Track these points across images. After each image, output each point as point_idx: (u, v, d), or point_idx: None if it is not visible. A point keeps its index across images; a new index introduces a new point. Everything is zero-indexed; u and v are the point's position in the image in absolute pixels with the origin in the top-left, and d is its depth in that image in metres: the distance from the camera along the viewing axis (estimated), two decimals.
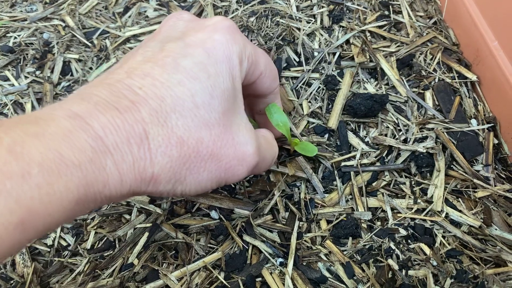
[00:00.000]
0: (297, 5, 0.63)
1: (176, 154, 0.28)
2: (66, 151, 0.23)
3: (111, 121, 0.26)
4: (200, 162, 0.30)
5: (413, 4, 0.63)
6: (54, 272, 0.44)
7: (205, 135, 0.30)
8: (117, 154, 0.26)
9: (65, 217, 0.24)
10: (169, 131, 0.28)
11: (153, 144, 0.27)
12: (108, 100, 0.27)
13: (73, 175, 0.23)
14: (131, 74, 0.29)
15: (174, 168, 0.28)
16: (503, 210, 0.46)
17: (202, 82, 0.30)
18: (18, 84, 0.58)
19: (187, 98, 0.29)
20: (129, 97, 0.27)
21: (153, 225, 0.45)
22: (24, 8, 0.67)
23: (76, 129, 0.24)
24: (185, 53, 0.30)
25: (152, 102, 0.28)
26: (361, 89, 0.54)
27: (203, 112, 0.29)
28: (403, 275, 0.41)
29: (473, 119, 0.52)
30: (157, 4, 0.66)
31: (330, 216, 0.46)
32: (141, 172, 0.27)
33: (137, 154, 0.26)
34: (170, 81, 0.29)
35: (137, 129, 0.26)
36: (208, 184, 0.32)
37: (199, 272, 0.43)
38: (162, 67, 0.29)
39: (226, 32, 0.32)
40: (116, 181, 0.26)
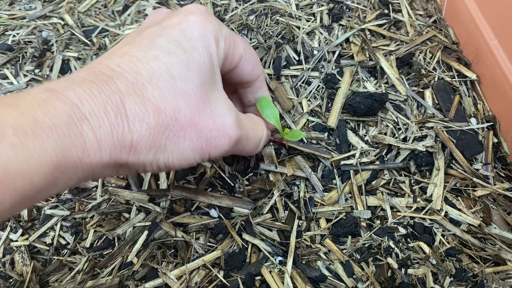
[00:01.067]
0: (296, 3, 0.63)
1: (154, 122, 0.29)
2: (41, 116, 0.24)
3: (87, 92, 0.26)
4: (179, 131, 0.30)
5: (412, 3, 0.63)
6: (53, 270, 0.44)
7: (182, 104, 0.30)
8: (94, 120, 0.26)
9: (46, 182, 0.24)
10: (146, 101, 0.28)
11: (130, 112, 0.28)
12: (85, 77, 0.28)
13: (49, 137, 0.23)
14: (110, 55, 0.30)
15: (153, 136, 0.29)
16: (503, 209, 0.46)
17: (178, 56, 0.31)
18: (17, 83, 0.58)
19: (163, 71, 0.30)
20: (106, 73, 0.28)
21: (153, 224, 0.45)
22: (23, 6, 0.67)
23: (51, 99, 0.25)
24: (161, 33, 0.32)
25: (129, 76, 0.29)
26: (361, 88, 0.54)
27: (180, 83, 0.30)
28: (403, 274, 0.41)
29: (473, 118, 0.52)
30: (156, 2, 0.66)
31: (330, 214, 0.46)
32: (120, 139, 0.27)
33: (114, 121, 0.27)
34: (146, 57, 0.30)
35: (114, 99, 0.27)
36: (191, 155, 0.32)
37: (199, 270, 0.43)
38: (139, 46, 0.31)
39: (200, 14, 0.33)
40: (94, 146, 0.26)
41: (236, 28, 0.61)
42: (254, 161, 0.48)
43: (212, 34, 0.33)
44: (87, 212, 0.47)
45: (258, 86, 0.43)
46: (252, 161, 0.48)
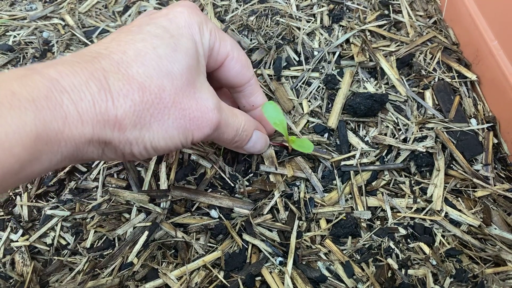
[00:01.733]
0: (297, 4, 0.63)
1: (139, 99, 0.29)
2: (18, 89, 0.23)
3: (69, 68, 0.26)
4: (164, 109, 0.31)
5: (413, 4, 0.63)
6: (53, 271, 0.44)
7: (167, 83, 0.30)
8: (74, 93, 0.26)
9: (28, 155, 0.24)
10: (130, 78, 0.29)
11: (114, 88, 0.28)
12: (68, 58, 0.28)
13: (27, 109, 0.23)
14: (98, 43, 0.31)
15: (138, 112, 0.29)
16: (503, 209, 0.46)
17: (165, 39, 0.31)
18: None
19: (150, 51, 0.30)
20: (92, 55, 0.29)
21: (153, 224, 0.45)
22: (23, 7, 0.67)
23: (30, 74, 0.25)
24: (149, 22, 0.33)
25: (114, 56, 0.29)
26: (361, 89, 0.54)
27: (166, 62, 0.31)
28: (403, 274, 0.41)
29: (473, 119, 0.52)
30: (156, 3, 0.66)
31: (330, 215, 0.46)
32: (103, 113, 0.27)
33: (97, 95, 0.27)
34: (133, 40, 0.30)
35: (97, 75, 0.27)
36: (175, 134, 0.32)
37: (199, 271, 0.43)
38: (127, 32, 0.32)
39: (186, 6, 0.35)
40: (75, 119, 0.26)
41: (236, 28, 0.61)
42: (255, 163, 0.48)
43: (197, 24, 0.35)
44: (87, 212, 0.47)
45: (250, 91, 0.43)
46: (253, 163, 0.48)
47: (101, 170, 0.49)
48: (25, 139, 0.23)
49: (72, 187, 0.49)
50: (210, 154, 0.49)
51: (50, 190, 0.49)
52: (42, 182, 0.49)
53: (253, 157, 0.49)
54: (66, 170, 0.49)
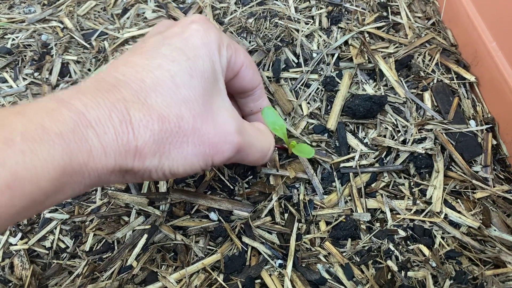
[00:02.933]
0: (295, 6, 0.63)
1: (158, 128, 0.29)
2: (48, 123, 0.24)
3: (92, 99, 0.27)
4: (183, 137, 0.31)
5: (411, 5, 0.64)
6: (52, 274, 0.44)
7: (185, 111, 0.31)
8: (99, 127, 0.27)
9: (53, 187, 0.24)
10: (150, 108, 0.29)
11: (135, 119, 0.28)
12: (90, 85, 0.28)
13: (55, 143, 0.24)
14: (114, 65, 0.31)
15: (157, 142, 0.29)
16: (502, 211, 0.46)
17: (181, 64, 0.31)
18: (16, 86, 0.58)
19: (167, 79, 0.30)
20: (111, 81, 0.29)
21: (152, 227, 0.45)
22: (22, 10, 0.67)
23: (58, 107, 0.26)
24: (164, 42, 0.32)
25: (133, 84, 0.29)
26: (360, 90, 0.54)
27: (183, 90, 0.31)
28: (403, 277, 0.41)
29: (472, 120, 0.52)
30: (155, 5, 0.66)
31: (329, 217, 0.46)
32: (125, 145, 0.28)
33: (119, 128, 0.28)
34: (150, 65, 0.30)
35: (119, 106, 0.28)
36: (195, 160, 0.32)
37: (198, 274, 0.42)
38: (142, 55, 0.31)
39: (202, 23, 0.34)
40: (99, 152, 0.27)
41: (235, 31, 0.61)
42: (260, 168, 0.48)
43: (214, 42, 0.34)
44: (86, 215, 0.47)
45: (259, 94, 0.43)
46: (258, 168, 0.48)
47: None
48: (52, 172, 0.24)
49: None
50: None
51: None
52: None
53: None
54: None
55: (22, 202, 0.23)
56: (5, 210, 0.22)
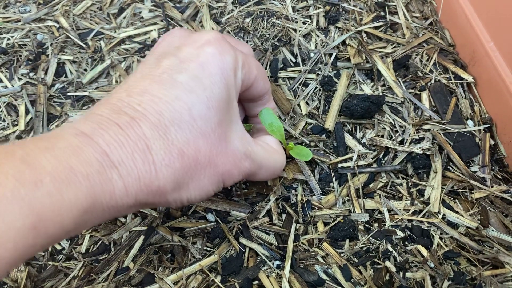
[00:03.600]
0: (293, 6, 0.63)
1: (179, 166, 0.30)
2: (75, 163, 0.25)
3: (114, 138, 0.28)
4: (200, 170, 0.32)
5: (409, 5, 0.63)
6: (48, 276, 0.43)
7: (202, 144, 0.32)
8: (122, 168, 0.28)
9: (74, 225, 0.25)
10: (170, 144, 0.30)
11: (157, 157, 0.29)
12: (110, 118, 0.29)
13: (81, 184, 0.25)
14: (130, 92, 0.31)
15: (178, 178, 0.30)
16: (500, 211, 0.46)
17: (199, 95, 0.31)
18: (12, 86, 0.58)
19: (185, 112, 0.30)
20: (129, 113, 0.29)
21: (149, 228, 0.45)
22: (17, 9, 0.66)
23: (83, 145, 0.27)
24: (181, 68, 0.32)
25: (152, 117, 0.29)
26: (358, 90, 0.54)
27: (200, 123, 0.31)
28: (401, 277, 0.41)
29: (470, 120, 0.52)
30: (152, 5, 0.66)
31: (327, 218, 0.45)
32: (147, 185, 0.29)
33: (142, 168, 0.28)
34: (168, 96, 0.30)
35: (140, 145, 0.28)
36: (210, 188, 0.34)
37: (196, 275, 0.42)
38: (159, 83, 0.31)
39: (217, 44, 0.34)
40: (121, 192, 0.28)
41: (232, 30, 0.61)
42: None
43: (230, 67, 0.34)
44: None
45: (267, 99, 0.43)
46: None
47: None
48: (75, 213, 0.25)
49: None
50: None
51: None
52: None
53: None
54: None
55: (44, 241, 0.24)
56: (28, 250, 0.23)
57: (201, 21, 0.62)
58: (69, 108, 0.56)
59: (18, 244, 0.22)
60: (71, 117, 0.54)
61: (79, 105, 0.56)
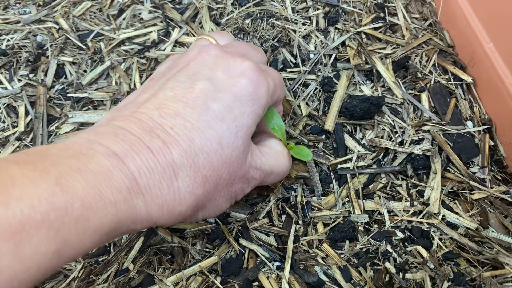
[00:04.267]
0: (292, 7, 0.63)
1: (201, 193, 0.31)
2: (105, 189, 0.26)
3: (145, 162, 0.28)
4: (217, 192, 0.34)
5: (408, 6, 0.64)
6: (48, 278, 0.43)
7: (225, 171, 0.33)
8: (148, 195, 0.28)
9: (95, 246, 0.26)
10: (196, 171, 0.31)
11: (182, 185, 0.30)
12: (142, 140, 0.29)
13: (108, 211, 0.26)
14: (162, 112, 0.31)
15: (198, 204, 0.32)
16: (500, 212, 0.46)
17: (229, 124, 0.33)
18: (11, 87, 0.58)
19: (214, 140, 0.32)
20: (161, 136, 0.30)
21: (149, 229, 0.45)
22: (17, 11, 0.66)
23: (115, 169, 0.27)
24: (215, 96, 0.33)
25: (183, 143, 0.30)
26: (357, 91, 0.54)
27: (227, 151, 0.32)
28: (401, 278, 0.41)
29: (469, 121, 0.52)
30: (151, 6, 0.66)
31: (327, 219, 0.45)
32: (170, 212, 0.30)
33: (167, 196, 0.29)
34: (200, 123, 0.31)
35: (168, 172, 0.29)
36: (224, 206, 0.36)
37: (195, 277, 0.42)
38: (193, 108, 0.32)
39: (252, 76, 0.35)
40: (144, 218, 0.29)
41: (232, 32, 0.61)
42: None
43: (263, 98, 0.35)
44: None
45: (278, 108, 0.44)
46: None
47: None
48: (97, 237, 0.25)
49: None
50: None
51: None
52: None
53: None
54: None
55: (63, 263, 0.24)
56: (48, 272, 0.23)
57: (201, 22, 0.63)
58: (69, 109, 0.56)
59: (41, 267, 0.22)
60: (71, 118, 0.54)
61: (79, 107, 0.56)
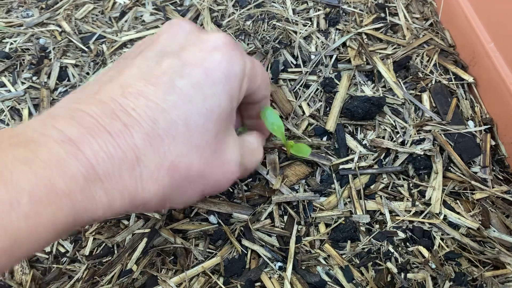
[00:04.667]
0: (293, 8, 0.63)
1: (168, 182, 0.28)
2: (58, 179, 0.23)
3: (104, 148, 0.25)
4: (188, 184, 0.30)
5: (409, 6, 0.64)
6: (52, 279, 0.44)
7: (196, 158, 0.29)
8: (108, 182, 0.25)
9: (50, 241, 0.24)
10: (162, 157, 0.28)
11: (145, 171, 0.27)
12: (101, 123, 0.26)
13: (62, 203, 0.23)
14: (125, 91, 0.28)
15: (165, 195, 0.29)
16: (501, 211, 0.46)
17: (198, 105, 0.29)
18: (15, 90, 0.58)
19: (181, 122, 0.28)
20: (122, 118, 0.27)
21: (152, 231, 0.45)
22: (20, 14, 0.67)
23: (69, 156, 0.24)
24: (182, 73, 0.29)
25: (145, 125, 0.27)
26: (359, 92, 0.54)
27: (196, 135, 0.29)
28: (402, 278, 0.41)
29: (470, 121, 0.52)
30: (153, 8, 0.66)
31: (329, 219, 0.46)
32: (132, 200, 0.27)
33: (128, 182, 0.26)
34: (165, 103, 0.28)
35: (130, 156, 0.26)
36: (194, 198, 0.33)
37: (198, 277, 0.42)
38: (157, 86, 0.28)
39: (226, 51, 0.31)
40: (105, 207, 0.26)
41: (233, 33, 0.61)
42: None
43: (237, 78, 0.31)
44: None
45: (265, 102, 0.42)
46: None
47: None
48: (52, 233, 0.23)
49: None
50: None
51: None
52: None
53: None
54: None
55: (17, 261, 0.22)
56: (1, 269, 0.22)
57: (202, 24, 0.63)
58: None
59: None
60: None
61: None
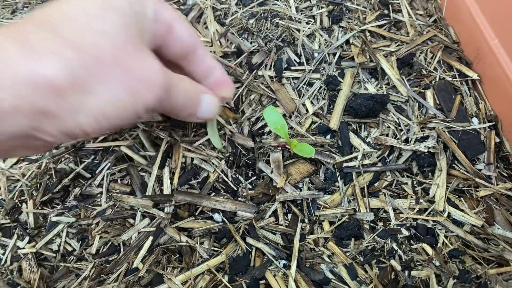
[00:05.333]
0: (296, 6, 0.63)
1: (73, 57, 0.26)
2: None
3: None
4: (107, 69, 0.28)
5: (412, 3, 0.63)
6: (60, 277, 0.44)
7: (105, 42, 0.28)
8: None
9: None
10: (59, 37, 0.26)
11: (40, 46, 0.25)
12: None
13: None
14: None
15: (76, 74, 0.27)
16: (506, 209, 0.46)
17: (96, 1, 0.29)
18: None
19: (78, 11, 0.28)
20: (17, 22, 0.27)
21: (157, 229, 0.46)
22: (25, 14, 0.67)
23: None
24: None
25: (37, 19, 0.27)
26: (362, 89, 0.54)
27: (98, 22, 0.28)
28: (406, 276, 0.42)
29: (474, 118, 0.52)
30: None
31: (333, 217, 0.46)
32: (33, 79, 0.25)
33: (16, 55, 0.25)
34: (59, 5, 0.28)
35: (15, 36, 0.25)
36: (125, 96, 0.30)
37: (203, 275, 0.43)
38: (55, 1, 0.29)
39: None
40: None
41: (236, 32, 0.61)
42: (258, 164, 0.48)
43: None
44: (92, 218, 0.47)
45: (202, 52, 0.40)
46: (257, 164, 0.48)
47: (105, 176, 0.50)
48: None
49: (76, 193, 0.49)
50: (213, 158, 0.49)
51: (55, 197, 0.49)
52: (47, 189, 0.50)
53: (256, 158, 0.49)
54: (71, 177, 0.50)
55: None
56: None
57: (206, 23, 0.63)
58: None
59: None
60: None
61: None
